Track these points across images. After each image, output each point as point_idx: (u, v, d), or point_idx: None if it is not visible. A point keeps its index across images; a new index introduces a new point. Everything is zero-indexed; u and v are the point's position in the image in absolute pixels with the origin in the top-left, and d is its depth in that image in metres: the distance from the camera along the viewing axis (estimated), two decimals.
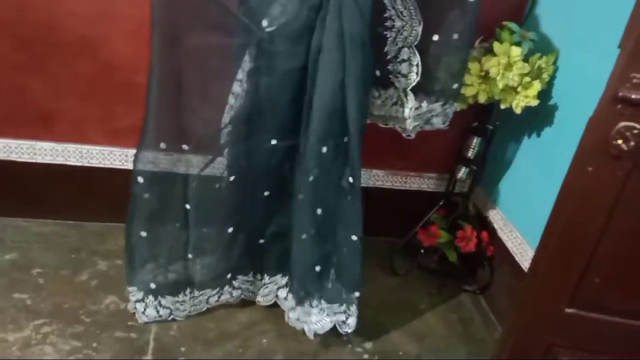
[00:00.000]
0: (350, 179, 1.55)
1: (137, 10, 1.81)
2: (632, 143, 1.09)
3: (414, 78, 1.63)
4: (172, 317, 1.71)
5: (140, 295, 1.68)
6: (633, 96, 1.06)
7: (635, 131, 1.09)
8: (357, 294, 1.67)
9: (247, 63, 1.48)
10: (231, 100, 1.54)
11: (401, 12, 1.56)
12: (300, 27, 1.43)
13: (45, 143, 1.99)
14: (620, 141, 1.10)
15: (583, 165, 1.15)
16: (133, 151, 2.00)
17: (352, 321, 1.70)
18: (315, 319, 1.72)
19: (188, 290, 1.71)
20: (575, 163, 1.18)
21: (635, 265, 1.25)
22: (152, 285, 1.67)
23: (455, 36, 1.58)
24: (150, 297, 1.68)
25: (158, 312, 1.69)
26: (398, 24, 1.57)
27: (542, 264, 1.30)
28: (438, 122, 1.74)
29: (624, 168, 1.14)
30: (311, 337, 1.72)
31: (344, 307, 1.70)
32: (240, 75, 1.50)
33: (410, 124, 1.71)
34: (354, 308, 1.69)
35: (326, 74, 1.44)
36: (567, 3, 1.78)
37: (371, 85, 1.61)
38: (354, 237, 1.60)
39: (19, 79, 1.87)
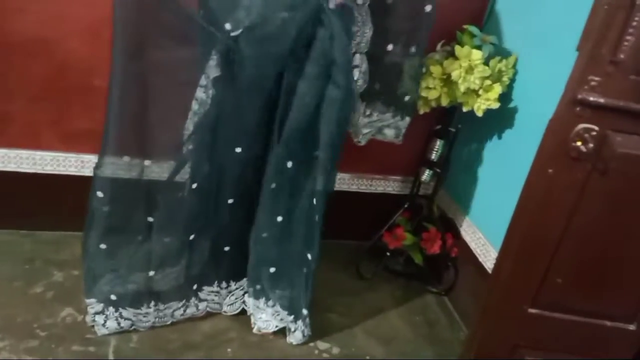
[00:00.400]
0: (314, 201, 1.54)
1: (94, 10, 1.75)
2: (590, 145, 1.11)
3: (362, 85, 1.62)
4: (133, 327, 1.65)
5: (99, 307, 1.62)
6: (591, 98, 1.08)
7: (594, 133, 1.11)
8: (305, 311, 1.67)
9: (212, 69, 1.44)
10: (194, 106, 1.50)
11: (355, 17, 1.55)
12: (272, 32, 1.38)
13: None
14: (579, 143, 1.12)
15: (543, 168, 1.17)
16: (89, 157, 1.97)
17: (298, 335, 1.70)
18: (265, 317, 1.71)
19: (152, 303, 1.65)
20: (536, 165, 1.19)
21: (596, 265, 1.27)
22: (112, 297, 1.61)
23: (411, 48, 1.58)
24: (111, 309, 1.62)
25: (119, 323, 1.63)
26: (353, 29, 1.57)
27: (505, 266, 1.31)
28: (391, 134, 1.73)
29: (584, 170, 1.16)
30: (255, 331, 1.72)
31: (292, 318, 1.69)
32: (204, 81, 1.46)
33: (360, 131, 1.70)
34: (300, 323, 1.68)
35: (306, 98, 1.41)
36: (525, 7, 1.82)
37: (351, 108, 1.59)
38: (309, 256, 1.60)
39: None
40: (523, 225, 1.25)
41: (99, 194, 1.50)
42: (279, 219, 1.58)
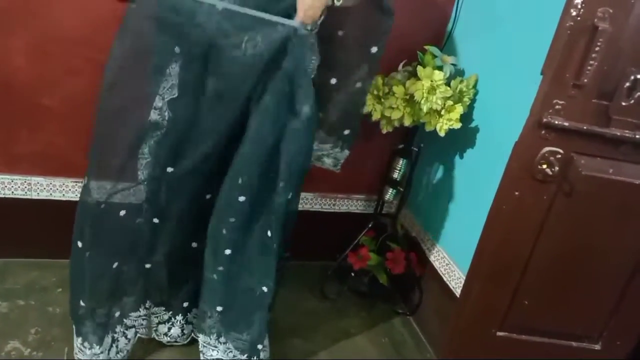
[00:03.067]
0: (269, 233, 1.46)
1: (40, 25, 1.66)
2: (556, 168, 1.11)
3: None
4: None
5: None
6: (556, 122, 1.08)
7: (559, 156, 1.11)
8: (259, 346, 1.57)
9: (166, 90, 1.38)
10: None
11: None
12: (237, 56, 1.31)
13: None
14: (545, 166, 1.12)
15: (510, 190, 1.17)
16: (36, 179, 1.86)
17: None
18: (216, 355, 1.60)
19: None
20: (502, 188, 1.19)
21: (562, 286, 1.28)
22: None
23: (357, 84, 1.53)
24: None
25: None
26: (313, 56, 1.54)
27: (473, 289, 1.29)
28: (329, 164, 1.68)
29: (549, 191, 1.16)
30: None
31: (246, 356, 1.59)
32: (159, 102, 1.39)
33: None
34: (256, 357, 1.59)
35: (264, 132, 1.35)
36: (486, 29, 1.84)
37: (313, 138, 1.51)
38: (264, 289, 1.51)
39: None
40: (491, 247, 1.24)
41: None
42: (227, 252, 1.47)
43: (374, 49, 1.46)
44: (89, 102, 1.78)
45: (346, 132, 1.60)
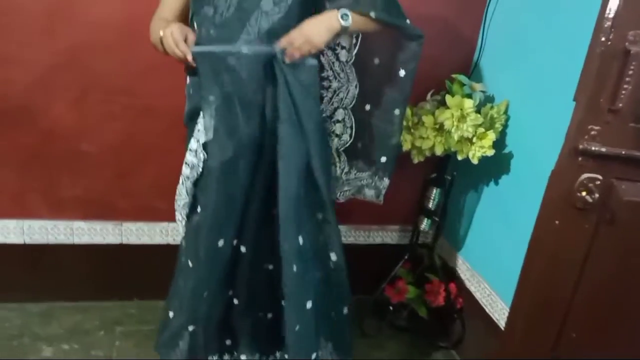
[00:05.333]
0: (334, 256, 1.50)
1: (79, 76, 1.73)
2: (596, 195, 1.08)
3: (347, 140, 1.60)
4: None
5: None
6: (593, 148, 1.06)
7: (598, 182, 1.08)
8: None
9: (200, 133, 1.41)
10: (185, 171, 1.46)
11: (338, 74, 1.55)
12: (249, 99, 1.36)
13: None
14: (584, 193, 1.09)
15: (549, 220, 1.13)
16: (78, 223, 1.91)
17: None
18: None
19: None
20: (542, 217, 1.15)
21: (611, 317, 1.22)
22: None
23: (394, 111, 1.53)
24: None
25: None
26: (335, 85, 1.56)
27: (517, 322, 1.25)
28: (371, 195, 1.67)
29: (591, 220, 1.12)
30: None
31: None
32: (194, 145, 1.43)
33: (340, 187, 1.66)
34: None
35: (287, 163, 1.35)
36: (514, 55, 1.82)
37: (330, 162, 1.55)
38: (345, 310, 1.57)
39: None
40: (534, 278, 1.21)
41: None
42: (309, 305, 1.48)
43: (402, 73, 1.46)
44: (127, 146, 1.86)
45: (383, 159, 1.59)
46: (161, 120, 1.83)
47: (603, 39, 1.00)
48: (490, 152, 1.73)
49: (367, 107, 1.57)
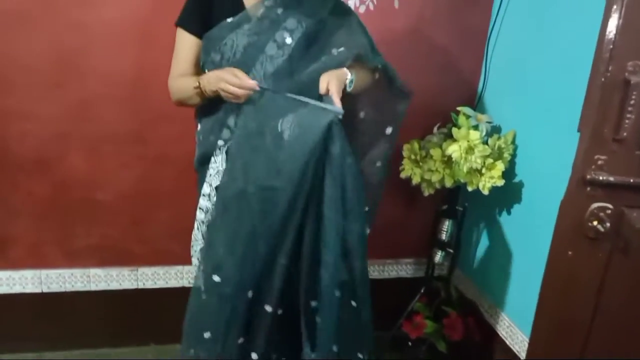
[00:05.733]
0: (354, 304, 1.44)
1: (92, 128, 1.78)
2: (607, 224, 1.08)
3: None
4: None
5: None
6: (601, 177, 1.06)
7: (609, 211, 1.08)
8: None
9: (212, 177, 1.44)
10: (200, 215, 1.48)
11: None
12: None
13: (0, 272, 1.87)
14: (596, 223, 1.09)
15: (562, 250, 1.13)
16: (94, 270, 1.94)
17: None
18: None
19: None
20: (554, 248, 1.15)
21: (628, 343, 1.19)
22: None
23: (376, 163, 1.53)
24: None
25: None
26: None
27: (537, 354, 1.23)
28: None
29: (604, 249, 1.12)
30: None
31: None
32: (207, 189, 1.45)
33: None
34: None
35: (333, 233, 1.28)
36: (517, 87, 1.84)
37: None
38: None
39: None
40: (550, 309, 1.19)
41: None
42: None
43: (389, 130, 1.49)
44: (140, 194, 1.89)
45: (366, 209, 1.54)
46: (173, 167, 1.86)
47: (602, 69, 1.02)
48: (500, 182, 1.74)
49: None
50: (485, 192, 1.76)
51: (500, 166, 1.74)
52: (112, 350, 1.99)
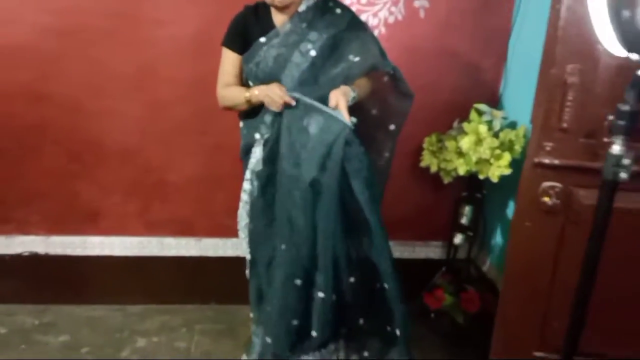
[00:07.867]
0: (385, 285, 1.64)
1: (164, 122, 2.20)
2: (556, 200, 1.28)
3: None
4: None
5: None
6: (546, 161, 1.27)
7: (557, 189, 1.29)
8: None
9: (253, 163, 1.72)
10: (244, 196, 1.78)
11: None
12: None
13: (94, 237, 2.33)
14: (547, 199, 1.30)
15: (521, 221, 1.35)
16: (168, 240, 2.35)
17: None
18: None
19: None
20: (515, 219, 1.37)
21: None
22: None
23: (385, 153, 1.75)
24: None
25: None
26: None
27: (508, 312, 1.45)
28: None
29: (558, 222, 1.32)
30: None
31: None
32: (249, 175, 1.74)
33: None
34: None
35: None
36: (530, 85, 2.02)
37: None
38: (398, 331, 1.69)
39: (73, 185, 2.26)
40: (516, 275, 1.41)
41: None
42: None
43: (392, 127, 1.72)
44: (202, 177, 2.28)
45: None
46: (229, 154, 2.19)
47: (547, 71, 1.23)
48: (508, 171, 1.94)
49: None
50: (494, 179, 1.96)
51: (507, 157, 1.94)
52: (179, 306, 2.36)
